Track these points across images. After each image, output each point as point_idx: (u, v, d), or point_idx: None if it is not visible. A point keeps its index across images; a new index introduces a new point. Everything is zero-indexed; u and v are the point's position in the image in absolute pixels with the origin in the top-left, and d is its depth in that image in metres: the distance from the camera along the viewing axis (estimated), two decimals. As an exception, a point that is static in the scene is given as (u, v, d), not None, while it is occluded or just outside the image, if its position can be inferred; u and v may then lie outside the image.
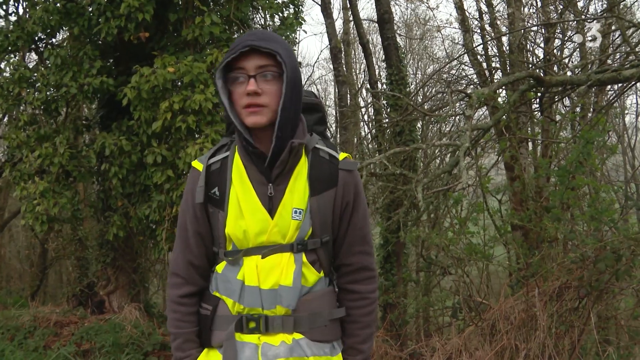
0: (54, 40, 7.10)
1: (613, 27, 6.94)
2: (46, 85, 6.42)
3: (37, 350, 5.80)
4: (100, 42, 6.78)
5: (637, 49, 6.04)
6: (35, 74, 6.61)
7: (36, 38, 6.76)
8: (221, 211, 1.71)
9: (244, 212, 1.68)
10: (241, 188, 1.70)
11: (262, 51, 1.63)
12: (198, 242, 1.76)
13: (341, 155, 1.77)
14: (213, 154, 1.77)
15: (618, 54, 6.77)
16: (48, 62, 6.54)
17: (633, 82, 5.39)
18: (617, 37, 7.26)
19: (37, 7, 6.39)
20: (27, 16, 6.66)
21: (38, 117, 6.72)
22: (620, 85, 6.23)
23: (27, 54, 10.18)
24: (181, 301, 1.77)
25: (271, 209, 1.69)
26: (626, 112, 14.15)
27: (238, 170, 1.72)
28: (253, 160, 1.69)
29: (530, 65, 8.22)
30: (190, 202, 1.75)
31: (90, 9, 6.34)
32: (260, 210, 1.68)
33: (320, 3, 12.87)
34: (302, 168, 1.72)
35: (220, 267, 1.75)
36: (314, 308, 1.73)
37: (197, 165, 1.76)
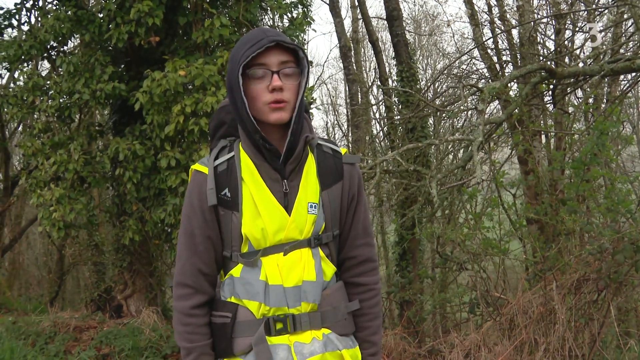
0: (65, 47, 7.18)
1: (625, 16, 6.87)
2: (59, 93, 6.49)
3: (58, 355, 5.86)
4: (111, 48, 6.84)
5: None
6: (48, 82, 6.68)
7: (48, 46, 6.83)
8: (235, 212, 1.67)
9: (260, 211, 1.66)
10: (255, 187, 1.67)
11: (284, 47, 1.63)
12: (208, 247, 1.71)
13: (342, 150, 1.79)
14: (216, 156, 1.73)
15: (631, 42, 6.70)
16: (60, 69, 6.62)
17: (647, 71, 5.33)
18: (630, 26, 7.18)
19: (49, 16, 6.47)
20: (39, 25, 6.74)
21: (52, 124, 6.79)
22: (634, 74, 6.15)
23: (40, 62, 10.32)
24: (192, 312, 1.70)
25: (287, 206, 1.68)
26: (640, 101, 13.99)
27: (248, 169, 1.69)
28: (266, 157, 1.67)
29: (541, 58, 8.16)
30: (197, 206, 1.69)
31: (101, 16, 6.40)
32: (277, 207, 1.67)
33: (328, 2, 12.86)
34: (311, 163, 1.73)
35: (236, 271, 1.70)
36: (334, 302, 1.73)
37: (201, 168, 1.72)
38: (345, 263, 1.81)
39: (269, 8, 7.25)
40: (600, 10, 7.06)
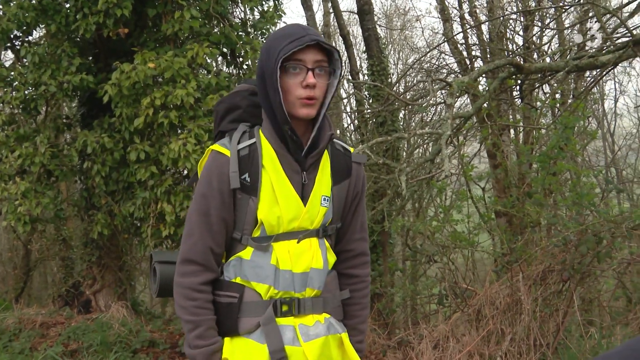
0: (30, 37, 7.00)
1: (590, 14, 7.02)
2: (24, 84, 6.34)
3: (23, 353, 5.74)
4: (78, 39, 6.70)
5: (613, 35, 6.11)
6: (13, 73, 6.52)
7: (12, 36, 6.66)
8: (253, 197, 1.73)
9: (278, 199, 1.73)
10: (275, 175, 1.74)
11: (320, 46, 1.70)
12: (222, 228, 1.76)
13: (351, 149, 1.90)
14: (239, 141, 1.78)
15: (595, 40, 6.84)
16: (25, 60, 6.45)
17: (610, 68, 5.47)
18: (594, 23, 7.34)
19: (12, 4, 6.30)
20: (2, 13, 6.55)
21: (17, 116, 6.62)
22: (597, 71, 6.30)
23: (3, 52, 10.05)
24: (201, 288, 1.74)
25: (303, 196, 1.76)
26: (605, 97, 14.33)
27: (270, 157, 1.75)
28: (290, 148, 1.74)
29: (510, 53, 8.29)
30: (216, 187, 1.73)
31: (67, 6, 6.26)
32: (295, 197, 1.75)
33: (299, -5, 12.81)
34: (326, 159, 1.83)
35: (246, 254, 1.76)
36: (331, 290, 1.84)
37: (223, 150, 1.75)
38: (341, 255, 1.91)
39: (239, 0, 7.20)
40: (566, 7, 7.20)
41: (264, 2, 7.04)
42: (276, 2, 7.24)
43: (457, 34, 9.38)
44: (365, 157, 1.95)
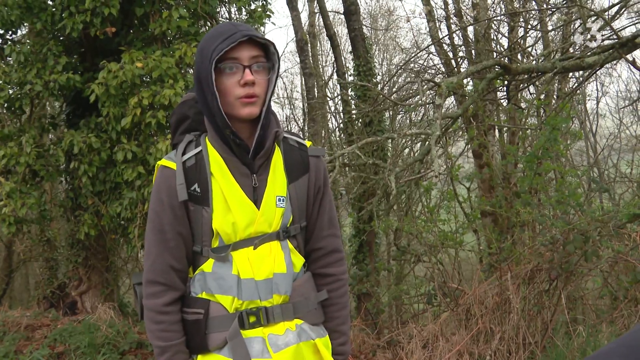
0: (14, 36, 6.91)
1: (574, 17, 7.10)
2: (8, 83, 6.26)
3: (7, 356, 5.66)
4: (64, 37, 6.63)
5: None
6: (-4, 72, 6.43)
7: (-5, 34, 6.58)
8: (205, 207, 1.67)
9: (230, 206, 1.67)
10: (224, 182, 1.68)
11: (255, 41, 1.63)
12: (179, 243, 1.70)
13: (307, 143, 1.82)
14: (184, 151, 1.71)
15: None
16: (10, 58, 6.37)
17: (596, 69, 5.54)
18: (579, 26, 7.44)
19: (-4, 2, 6.21)
20: (-15, 11, 6.45)
21: (1, 115, 6.54)
22: (582, 72, 6.39)
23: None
24: (165, 310, 1.69)
25: (256, 200, 1.69)
26: (587, 98, 14.52)
27: (217, 164, 1.69)
28: (235, 152, 1.68)
29: (495, 54, 8.36)
30: (167, 202, 1.68)
31: (53, 4, 6.19)
32: (246, 202, 1.68)
33: (285, -5, 12.78)
34: (278, 157, 1.75)
35: (208, 266, 1.70)
36: (304, 293, 1.76)
37: (169, 163, 1.69)
38: (312, 254, 1.84)
39: (227, 0, 7.18)
40: (551, 10, 7.28)
41: (252, 2, 7.02)
42: (264, 1, 7.22)
43: (445, 36, 9.44)
44: (323, 150, 1.86)
